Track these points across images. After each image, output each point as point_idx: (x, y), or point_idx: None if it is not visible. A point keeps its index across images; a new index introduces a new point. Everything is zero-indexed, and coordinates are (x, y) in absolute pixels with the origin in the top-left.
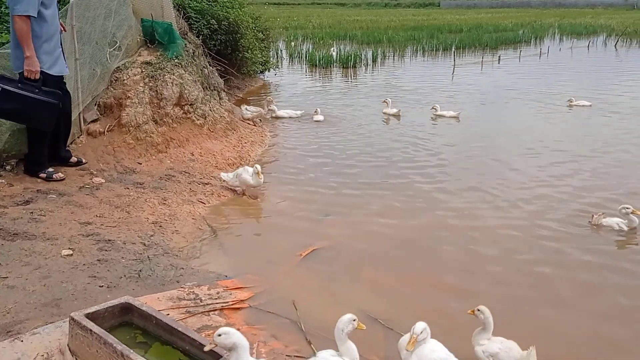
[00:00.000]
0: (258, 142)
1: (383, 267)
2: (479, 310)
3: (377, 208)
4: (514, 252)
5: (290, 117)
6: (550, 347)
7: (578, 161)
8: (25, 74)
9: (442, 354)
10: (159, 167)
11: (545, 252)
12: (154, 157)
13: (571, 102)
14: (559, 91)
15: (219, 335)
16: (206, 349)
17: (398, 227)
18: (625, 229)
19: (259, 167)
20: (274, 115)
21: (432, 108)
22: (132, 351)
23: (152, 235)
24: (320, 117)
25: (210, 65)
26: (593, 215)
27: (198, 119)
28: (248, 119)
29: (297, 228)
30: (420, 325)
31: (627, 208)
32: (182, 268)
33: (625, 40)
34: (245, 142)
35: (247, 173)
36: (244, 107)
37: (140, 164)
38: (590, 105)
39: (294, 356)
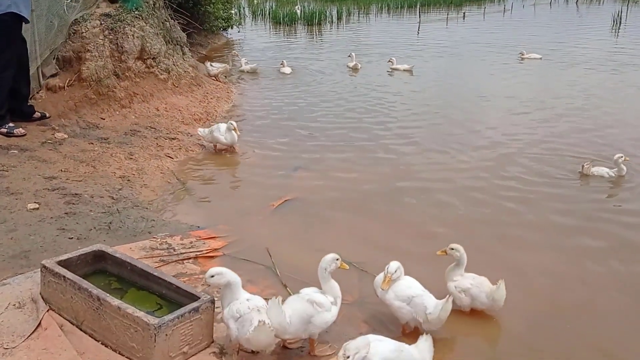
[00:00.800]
0: (224, 98)
1: (354, 215)
2: (452, 248)
3: (345, 160)
4: (479, 196)
5: (251, 71)
6: (521, 282)
7: (534, 112)
8: None
9: (418, 289)
10: (123, 122)
11: (519, 198)
12: (117, 112)
13: (522, 55)
14: (517, 45)
15: (212, 276)
16: (200, 289)
17: (367, 178)
18: (614, 176)
19: (234, 123)
20: (240, 69)
21: (389, 61)
22: (108, 295)
23: (120, 189)
24: (287, 70)
25: (172, 18)
26: (583, 166)
27: (161, 74)
28: (214, 76)
29: (268, 180)
30: (394, 265)
31: (620, 157)
32: (153, 220)
33: None
34: (211, 98)
35: (218, 132)
36: (208, 63)
37: (104, 119)
38: (541, 58)
39: (273, 297)
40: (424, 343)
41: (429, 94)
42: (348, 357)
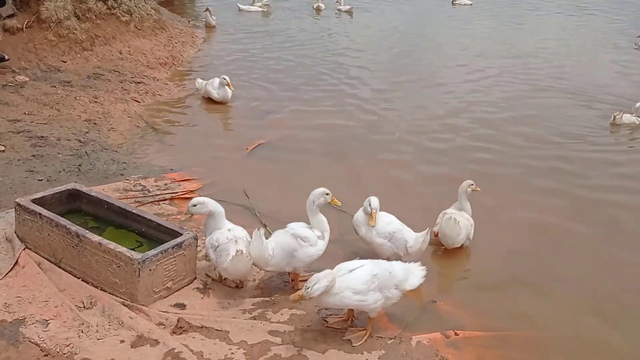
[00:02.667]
0: (189, 42)
1: (326, 157)
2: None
3: (315, 104)
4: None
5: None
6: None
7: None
8: None
9: (397, 225)
10: (85, 65)
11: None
12: (79, 55)
13: (454, 0)
14: None
15: (194, 205)
16: (184, 219)
17: (339, 121)
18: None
19: (227, 78)
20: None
21: (337, 2)
22: (87, 231)
23: (87, 132)
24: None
25: None
26: (614, 116)
27: (123, 16)
28: (213, 26)
29: (240, 125)
30: (376, 200)
31: None
32: (125, 162)
33: None
34: (176, 42)
35: (211, 85)
36: (208, 13)
37: (65, 62)
38: (471, 4)
39: (255, 229)
40: (417, 267)
41: (387, 38)
42: (308, 287)
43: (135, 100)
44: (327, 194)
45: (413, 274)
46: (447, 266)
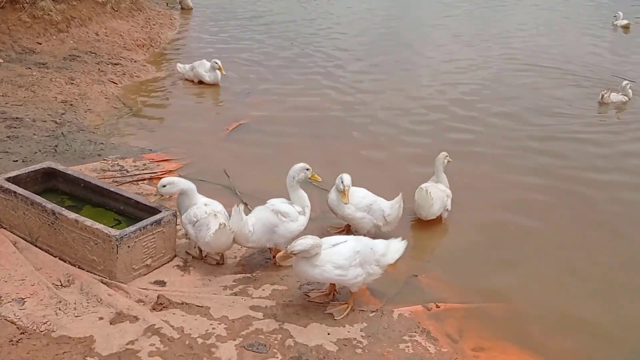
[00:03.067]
0: (167, 24)
1: (307, 137)
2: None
3: (295, 86)
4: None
5: None
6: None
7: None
8: None
9: (371, 197)
10: (61, 47)
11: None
12: (54, 37)
13: None
14: None
15: (164, 186)
16: (153, 200)
17: (319, 102)
18: (626, 99)
19: (218, 62)
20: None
21: None
22: (64, 209)
23: (63, 114)
24: None
25: None
26: (602, 95)
27: None
28: (190, 8)
29: (220, 105)
30: (348, 177)
31: (627, 84)
32: (102, 143)
33: None
34: (154, 24)
35: (202, 67)
36: None
37: (40, 43)
38: None
39: (235, 205)
40: (397, 243)
41: (367, 20)
42: (294, 252)
43: (113, 82)
44: (307, 169)
45: (391, 248)
46: (427, 240)
